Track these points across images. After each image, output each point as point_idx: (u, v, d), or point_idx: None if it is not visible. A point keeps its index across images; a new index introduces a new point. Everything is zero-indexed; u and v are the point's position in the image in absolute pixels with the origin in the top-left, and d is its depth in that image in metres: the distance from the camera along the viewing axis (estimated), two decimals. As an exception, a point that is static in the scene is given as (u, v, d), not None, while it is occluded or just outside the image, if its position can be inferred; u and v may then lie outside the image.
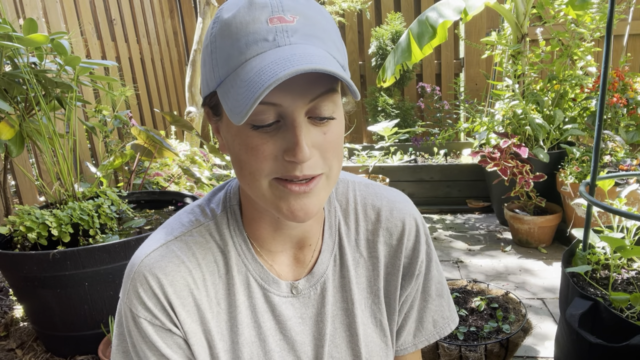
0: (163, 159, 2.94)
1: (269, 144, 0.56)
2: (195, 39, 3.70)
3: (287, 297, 0.71)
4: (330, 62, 0.53)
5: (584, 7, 2.69)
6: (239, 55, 0.53)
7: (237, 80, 0.53)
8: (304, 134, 0.55)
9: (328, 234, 0.74)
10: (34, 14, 2.75)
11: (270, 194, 0.59)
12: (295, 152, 0.54)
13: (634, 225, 1.44)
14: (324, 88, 0.55)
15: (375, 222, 0.76)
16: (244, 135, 0.57)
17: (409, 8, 4.47)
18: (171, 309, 0.65)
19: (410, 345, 0.81)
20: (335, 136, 0.59)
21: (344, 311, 0.74)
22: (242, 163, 0.59)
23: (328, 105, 0.56)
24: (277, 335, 0.71)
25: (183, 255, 0.66)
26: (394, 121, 4.01)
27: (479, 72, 4.28)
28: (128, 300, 0.65)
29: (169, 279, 0.64)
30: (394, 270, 0.76)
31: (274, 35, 0.53)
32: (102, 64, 2.08)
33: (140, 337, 0.65)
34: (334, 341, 0.73)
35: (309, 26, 0.55)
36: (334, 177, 0.62)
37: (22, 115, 1.93)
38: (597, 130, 1.39)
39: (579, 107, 3.02)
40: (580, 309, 1.22)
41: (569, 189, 2.60)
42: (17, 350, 2.00)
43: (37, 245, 1.82)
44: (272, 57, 0.51)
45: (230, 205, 0.71)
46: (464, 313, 1.77)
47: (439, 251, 2.85)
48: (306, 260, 0.73)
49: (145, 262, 0.65)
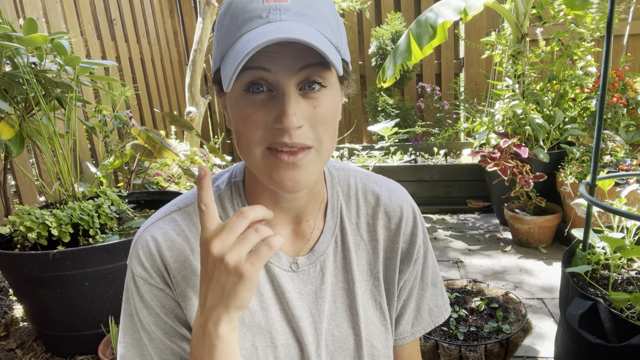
0: (163, 159, 2.94)
1: (260, 113, 0.60)
2: (195, 39, 3.70)
3: (287, 272, 0.74)
4: (316, 37, 0.56)
5: (584, 7, 2.69)
6: (236, 31, 0.58)
7: (232, 53, 0.57)
8: (292, 102, 0.59)
9: (330, 216, 0.77)
10: (34, 14, 2.75)
11: (263, 164, 0.63)
12: (282, 119, 0.58)
13: (634, 225, 1.44)
14: (313, 59, 0.59)
15: (375, 207, 0.79)
16: (240, 105, 0.61)
17: (409, 8, 4.47)
18: (166, 271, 0.68)
19: (409, 335, 0.84)
20: (326, 111, 0.62)
21: (345, 291, 0.77)
22: (239, 133, 0.63)
23: (317, 77, 0.60)
24: (277, 306, 0.73)
25: (184, 224, 0.71)
26: (394, 121, 4.01)
27: (479, 72, 4.28)
28: (130, 262, 0.70)
29: (167, 244, 0.69)
30: (393, 255, 0.79)
31: (267, 12, 0.57)
32: (102, 64, 2.08)
33: (138, 296, 0.70)
34: (334, 320, 0.76)
35: (301, 6, 0.58)
36: (325, 153, 0.65)
37: (22, 115, 1.93)
38: (597, 130, 1.39)
39: (579, 107, 3.02)
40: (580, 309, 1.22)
41: (569, 189, 2.60)
42: (17, 350, 2.00)
43: (37, 245, 1.82)
44: (261, 30, 0.56)
45: (235, 182, 0.75)
46: (464, 313, 1.77)
47: (439, 251, 2.85)
48: (305, 236, 0.76)
49: (149, 228, 0.71)
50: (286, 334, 0.73)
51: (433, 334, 1.65)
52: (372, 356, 0.79)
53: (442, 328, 1.69)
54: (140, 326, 0.71)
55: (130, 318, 0.73)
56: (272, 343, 0.72)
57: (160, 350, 0.70)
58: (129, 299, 0.72)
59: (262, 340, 0.72)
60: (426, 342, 1.60)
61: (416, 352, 0.89)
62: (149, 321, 0.70)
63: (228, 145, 5.11)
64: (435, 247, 2.93)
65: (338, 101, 0.66)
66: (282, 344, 0.73)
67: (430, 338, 1.60)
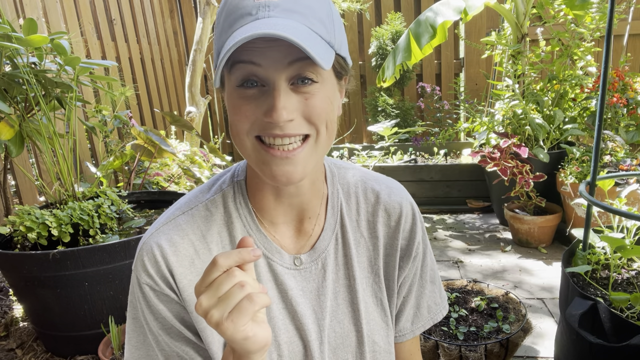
0: (163, 159, 2.94)
1: (251, 106, 0.62)
2: (195, 39, 3.70)
3: (290, 269, 0.75)
4: (300, 32, 0.57)
5: (584, 7, 2.69)
6: (229, 28, 0.60)
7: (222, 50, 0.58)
8: (282, 97, 0.60)
9: (330, 213, 0.78)
10: (34, 14, 2.75)
11: (254, 156, 0.65)
12: (272, 113, 0.60)
13: (634, 225, 1.44)
14: (302, 54, 0.59)
15: (374, 204, 0.80)
16: (233, 97, 0.63)
17: (409, 8, 4.47)
18: (171, 276, 0.69)
19: (409, 332, 0.85)
20: (318, 102, 0.63)
21: (346, 288, 0.78)
22: (232, 124, 0.65)
23: (307, 73, 0.61)
24: (280, 304, 0.74)
25: (188, 228, 0.71)
26: (394, 121, 4.01)
27: (479, 72, 4.28)
28: (135, 269, 0.71)
29: (172, 249, 0.69)
30: (393, 251, 0.80)
31: (256, 9, 0.59)
32: (102, 64, 2.08)
33: (144, 302, 0.70)
34: (336, 316, 0.77)
35: (290, 3, 0.59)
36: (322, 143, 0.65)
37: (22, 115, 1.93)
38: (597, 130, 1.39)
39: (579, 107, 3.02)
40: (580, 309, 1.22)
41: (569, 189, 2.60)
42: (17, 350, 2.00)
43: (37, 245, 1.82)
44: (248, 27, 0.57)
45: (237, 181, 0.76)
46: (464, 313, 1.77)
47: (439, 251, 2.85)
48: (307, 234, 0.77)
49: (153, 235, 0.71)
50: (289, 332, 0.74)
51: (433, 334, 1.65)
52: (373, 352, 0.79)
53: (442, 328, 1.69)
54: (148, 330, 0.72)
55: (135, 321, 0.74)
56: (276, 341, 0.73)
57: (167, 352, 0.71)
58: (135, 304, 0.73)
59: None
60: (426, 342, 1.60)
61: (416, 350, 0.90)
62: (155, 326, 0.71)
63: (228, 145, 5.11)
64: (435, 247, 2.93)
65: (333, 96, 0.66)
66: (285, 342, 0.74)
67: (430, 338, 1.60)
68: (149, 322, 0.71)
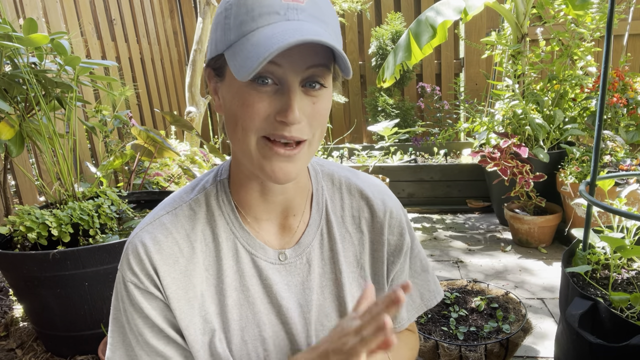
0: (163, 159, 2.94)
1: (264, 103, 0.62)
2: (195, 39, 3.70)
3: (274, 264, 0.76)
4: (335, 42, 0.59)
5: (584, 7, 2.69)
6: (251, 22, 0.60)
7: (247, 44, 0.59)
8: (297, 98, 0.62)
9: (315, 209, 0.80)
10: (34, 14, 2.75)
11: (256, 153, 0.65)
12: (287, 114, 0.61)
13: (634, 225, 1.44)
14: (320, 60, 0.62)
15: (359, 201, 0.83)
16: (245, 93, 0.63)
17: (409, 8, 4.47)
18: (155, 274, 0.70)
19: (405, 321, 0.89)
20: (322, 107, 0.65)
21: (332, 282, 0.80)
22: (237, 119, 0.64)
23: (320, 77, 0.64)
24: (265, 299, 0.75)
25: (172, 227, 0.73)
26: (394, 121, 4.01)
27: (479, 72, 4.28)
28: (121, 267, 0.72)
29: (156, 247, 0.71)
30: (379, 247, 0.82)
31: (285, 10, 0.60)
32: (102, 64, 2.08)
33: (128, 300, 0.71)
34: (323, 310, 0.79)
35: (316, 10, 0.62)
36: (315, 146, 0.69)
37: (22, 115, 1.93)
38: (597, 130, 1.39)
39: (579, 107, 3.02)
40: (580, 309, 1.22)
41: (569, 189, 2.60)
42: (17, 350, 2.00)
43: (37, 245, 1.82)
44: (282, 27, 0.58)
45: (220, 180, 0.77)
46: (464, 313, 1.77)
47: (439, 251, 2.86)
48: (292, 230, 0.78)
49: (138, 234, 0.73)
50: (274, 326, 0.75)
51: (433, 334, 1.65)
52: None
53: (442, 328, 1.69)
54: (129, 329, 0.72)
55: (116, 321, 0.74)
56: (261, 335, 0.74)
57: (146, 352, 0.72)
58: (117, 305, 0.74)
59: (250, 333, 0.74)
60: (426, 342, 1.60)
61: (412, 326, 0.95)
62: (138, 323, 0.71)
63: (228, 145, 5.10)
64: (435, 247, 2.93)
65: (331, 101, 0.69)
66: (270, 336, 0.75)
67: (430, 338, 1.60)
68: (131, 322, 0.71)
